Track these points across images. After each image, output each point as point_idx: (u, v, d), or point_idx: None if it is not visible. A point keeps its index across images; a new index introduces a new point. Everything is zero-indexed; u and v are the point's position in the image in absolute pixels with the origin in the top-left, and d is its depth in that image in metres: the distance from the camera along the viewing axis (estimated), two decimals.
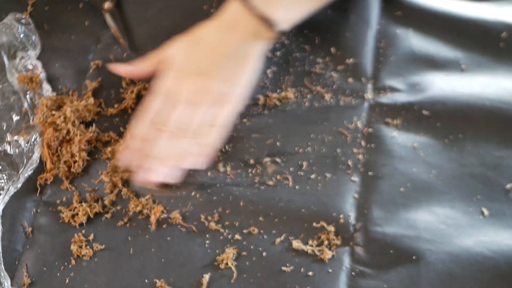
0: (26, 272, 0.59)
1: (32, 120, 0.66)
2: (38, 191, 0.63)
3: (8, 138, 0.65)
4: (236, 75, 0.61)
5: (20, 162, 0.63)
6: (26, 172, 0.63)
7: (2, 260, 0.59)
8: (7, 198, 0.61)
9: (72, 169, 0.63)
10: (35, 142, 0.64)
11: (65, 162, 0.63)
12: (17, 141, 0.64)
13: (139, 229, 0.61)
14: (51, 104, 0.65)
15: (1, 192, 0.61)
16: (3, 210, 0.61)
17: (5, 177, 0.62)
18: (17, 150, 0.64)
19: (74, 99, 0.67)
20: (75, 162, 0.63)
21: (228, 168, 0.64)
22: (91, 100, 0.67)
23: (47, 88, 0.69)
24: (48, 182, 0.63)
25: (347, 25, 0.73)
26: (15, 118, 0.67)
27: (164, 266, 0.58)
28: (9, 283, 0.58)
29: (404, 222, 0.59)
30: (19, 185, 0.62)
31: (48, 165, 0.63)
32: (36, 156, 0.63)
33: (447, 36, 0.72)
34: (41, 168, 0.64)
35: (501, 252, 0.57)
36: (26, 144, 0.64)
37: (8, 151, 0.64)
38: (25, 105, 0.67)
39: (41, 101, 0.66)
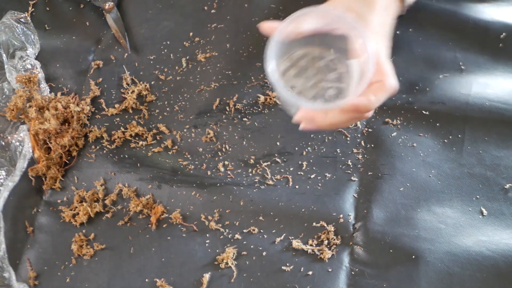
0: (30, 266, 0.59)
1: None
2: (38, 190, 0.64)
3: (7, 135, 0.65)
4: None
5: (17, 158, 0.64)
6: (22, 165, 0.63)
7: (6, 254, 0.59)
8: (6, 193, 0.62)
9: (63, 159, 0.64)
10: (24, 134, 0.64)
11: (55, 152, 0.63)
12: (15, 138, 0.65)
13: (139, 228, 0.61)
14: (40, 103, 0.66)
15: (1, 188, 0.62)
16: (5, 209, 0.61)
17: (4, 173, 0.63)
18: (14, 146, 0.64)
19: (72, 101, 0.67)
20: (67, 151, 0.64)
21: (228, 168, 0.64)
22: (87, 108, 0.67)
23: (45, 88, 0.69)
24: (40, 174, 0.64)
25: None
26: None
27: (165, 266, 0.59)
28: (14, 277, 0.58)
29: (404, 222, 0.60)
30: (17, 179, 0.62)
31: (36, 153, 0.63)
32: (27, 147, 0.63)
33: (446, 36, 0.72)
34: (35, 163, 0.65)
35: (500, 251, 0.57)
36: (20, 140, 0.64)
37: (7, 147, 0.64)
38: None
39: (13, 97, 0.67)
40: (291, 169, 0.64)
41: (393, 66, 0.70)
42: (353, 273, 0.57)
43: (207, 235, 0.60)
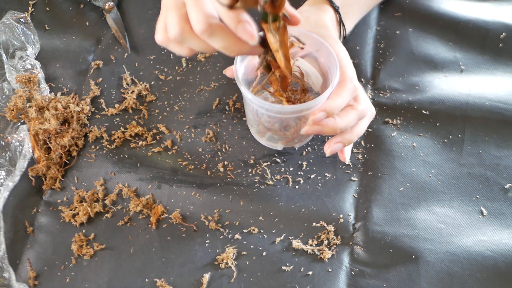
0: (30, 266, 0.59)
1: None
2: (38, 189, 0.64)
3: (7, 135, 0.65)
4: None
5: (17, 158, 0.64)
6: (22, 165, 0.63)
7: (6, 254, 0.59)
8: (6, 193, 0.62)
9: (63, 159, 0.64)
10: (24, 134, 0.64)
11: (55, 152, 0.64)
12: (15, 138, 0.65)
13: (139, 228, 0.61)
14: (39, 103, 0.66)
15: (1, 188, 0.62)
16: (5, 209, 0.61)
17: (4, 173, 0.63)
18: (14, 146, 0.64)
19: (72, 101, 0.68)
20: (67, 151, 0.64)
21: (228, 168, 0.64)
22: (87, 108, 0.67)
23: (45, 88, 0.69)
24: (40, 174, 0.64)
25: None
26: None
27: (165, 266, 0.59)
28: (14, 277, 0.58)
29: (404, 222, 0.60)
30: (17, 179, 0.62)
31: (36, 153, 0.63)
32: (27, 147, 0.63)
33: (446, 36, 0.72)
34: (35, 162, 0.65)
35: (500, 251, 0.57)
36: (20, 140, 0.64)
37: (7, 147, 0.64)
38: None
39: (13, 97, 0.67)
40: (291, 169, 0.64)
41: (393, 66, 0.70)
42: (353, 273, 0.57)
43: (207, 235, 0.60)
